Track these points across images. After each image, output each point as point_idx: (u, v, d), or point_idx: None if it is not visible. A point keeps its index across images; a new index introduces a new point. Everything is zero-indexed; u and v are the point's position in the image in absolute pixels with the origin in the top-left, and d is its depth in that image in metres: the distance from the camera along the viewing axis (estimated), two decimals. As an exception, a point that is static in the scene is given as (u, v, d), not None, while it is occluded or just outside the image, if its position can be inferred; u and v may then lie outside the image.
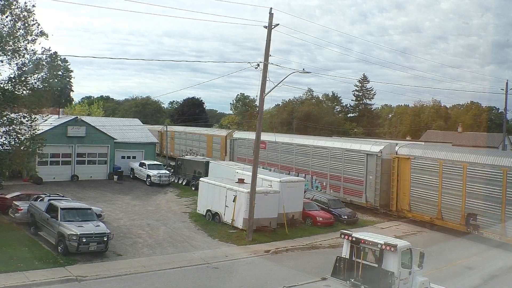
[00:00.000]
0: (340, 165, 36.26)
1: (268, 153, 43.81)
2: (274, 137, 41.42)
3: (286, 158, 42.10)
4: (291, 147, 41.52)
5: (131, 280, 17.67)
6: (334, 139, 41.02)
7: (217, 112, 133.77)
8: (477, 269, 21.85)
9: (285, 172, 39.50)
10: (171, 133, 64.86)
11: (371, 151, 33.72)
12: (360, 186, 34.37)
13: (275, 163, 42.85)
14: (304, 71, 25.49)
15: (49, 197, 25.19)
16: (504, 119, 53.95)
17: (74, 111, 69.44)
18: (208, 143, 56.98)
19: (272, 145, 42.79)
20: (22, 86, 23.53)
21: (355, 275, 15.37)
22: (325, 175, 37.67)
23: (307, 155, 39.74)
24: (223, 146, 53.24)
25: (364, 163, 34.02)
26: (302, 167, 40.12)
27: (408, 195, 31.11)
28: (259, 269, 20.23)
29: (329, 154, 37.34)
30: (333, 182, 36.88)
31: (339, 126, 77.43)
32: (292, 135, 47.70)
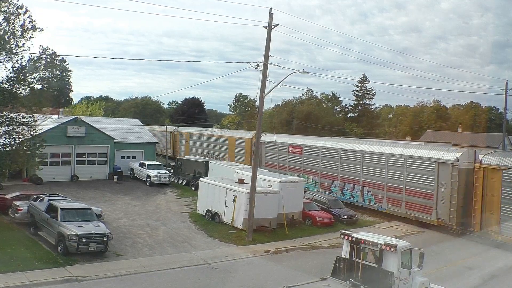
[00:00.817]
0: (401, 175, 31.18)
1: (306, 159, 39.76)
2: (314, 141, 38.65)
3: (328, 165, 37.54)
4: (334, 153, 36.87)
5: (131, 280, 17.66)
6: (392, 144, 35.54)
7: (217, 112, 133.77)
8: (477, 269, 21.85)
9: (327, 182, 37.19)
10: (186, 135, 62.24)
11: (444, 159, 28.63)
12: (429, 201, 29.33)
13: (313, 171, 38.88)
14: (304, 71, 25.49)
15: (48, 197, 25.19)
16: (504, 119, 53.99)
17: (75, 112, 69.45)
18: (230, 146, 52.74)
19: (310, 150, 39.20)
20: (20, 86, 23.50)
21: (355, 275, 15.36)
22: (380, 186, 32.65)
23: (356, 162, 34.88)
24: (247, 150, 48.56)
25: (434, 172, 29.01)
26: (350, 176, 35.33)
27: (498, 213, 26.11)
28: (259, 269, 20.22)
29: (387, 162, 32.29)
30: (392, 195, 31.86)
31: (339, 126, 77.43)
32: (335, 139, 43.47)
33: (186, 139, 61.60)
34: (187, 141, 61.46)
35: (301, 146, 40.02)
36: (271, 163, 43.97)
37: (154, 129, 64.21)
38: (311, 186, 38.59)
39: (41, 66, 24.39)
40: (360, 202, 34.16)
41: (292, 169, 41.24)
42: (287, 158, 41.87)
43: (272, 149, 43.83)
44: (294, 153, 41.08)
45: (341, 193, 36.02)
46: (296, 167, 40.91)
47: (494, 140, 57.19)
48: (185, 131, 62.97)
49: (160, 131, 61.49)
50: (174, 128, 66.91)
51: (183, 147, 61.88)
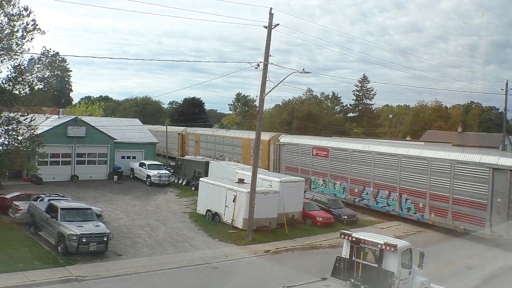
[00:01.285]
0: (447, 182, 28.16)
1: (333, 163, 36.92)
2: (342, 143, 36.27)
3: (359, 169, 34.60)
4: (367, 156, 33.94)
5: (131, 280, 17.66)
6: (435, 147, 32.34)
7: (217, 112, 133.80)
8: (477, 269, 21.85)
9: (358, 188, 34.50)
10: (195, 136, 59.67)
11: (500, 164, 25.61)
12: (481, 211, 26.36)
13: (342, 176, 36.14)
14: (304, 71, 25.49)
15: (49, 197, 25.21)
16: (504, 119, 53.94)
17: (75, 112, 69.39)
18: (245, 148, 49.41)
19: (338, 152, 36.50)
20: (21, 86, 23.52)
21: (355, 275, 15.37)
22: (422, 194, 29.68)
23: (392, 166, 31.88)
24: (265, 152, 45.42)
25: (487, 180, 25.99)
26: (385, 182, 32.33)
27: None
28: (259, 269, 20.22)
29: (429, 167, 29.25)
30: (436, 204, 28.88)
31: (339, 126, 77.42)
32: (367, 141, 40.37)
33: (196, 140, 59.01)
34: (197, 143, 58.84)
35: (327, 149, 37.25)
36: (292, 166, 41.50)
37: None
38: (339, 192, 36.30)
39: (42, 66, 24.40)
40: (397, 211, 31.16)
41: (316, 174, 38.68)
42: (310, 162, 39.40)
43: (293, 151, 41.54)
44: (319, 156, 38.46)
45: (375, 201, 33.10)
46: (321, 171, 38.24)
47: (494, 140, 57.20)
48: (195, 132, 60.42)
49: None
50: (183, 129, 64.60)
51: (193, 148, 59.23)
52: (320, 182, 38.18)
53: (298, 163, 40.78)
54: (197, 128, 63.83)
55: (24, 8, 22.59)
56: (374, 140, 40.81)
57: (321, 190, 36.88)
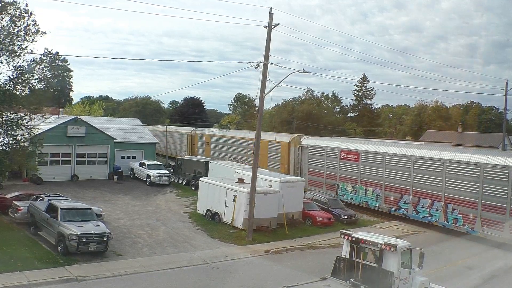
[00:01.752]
0: (504, 191, 25.08)
1: (364, 168, 33.87)
2: (375, 146, 33.34)
3: (396, 175, 31.51)
4: (405, 161, 30.85)
5: (131, 280, 17.66)
6: (488, 153, 28.50)
7: (217, 112, 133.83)
8: (477, 269, 21.84)
9: (394, 196, 31.40)
10: (206, 137, 56.70)
11: None
12: None
13: (375, 182, 33.13)
14: (304, 71, 25.49)
15: (49, 197, 25.20)
16: (504, 119, 53.96)
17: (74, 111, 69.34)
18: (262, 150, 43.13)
19: (371, 156, 33.51)
20: (21, 86, 23.55)
21: (355, 275, 15.37)
22: (472, 204, 26.63)
23: (436, 173, 28.74)
24: (284, 155, 42.49)
25: None
26: (427, 190, 29.23)
27: None
28: (259, 269, 20.22)
29: (482, 174, 26.20)
30: (489, 215, 25.77)
31: (339, 126, 77.38)
32: (405, 144, 36.87)
33: (207, 142, 56.02)
34: (208, 144, 55.77)
35: (357, 152, 34.37)
36: (316, 171, 38.46)
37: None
38: (371, 200, 33.48)
39: (43, 67, 24.45)
40: (441, 222, 28.33)
41: (344, 179, 35.75)
42: (337, 166, 36.53)
43: (317, 154, 38.63)
44: (348, 160, 35.58)
45: (414, 210, 30.07)
46: (350, 177, 35.35)
47: (494, 140, 57.21)
48: (205, 133, 57.68)
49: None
50: (192, 129, 61.83)
51: (203, 150, 56.24)
52: (349, 188, 35.30)
53: (323, 167, 37.93)
54: (208, 129, 60.82)
55: (24, 10, 22.65)
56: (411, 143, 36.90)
57: (350, 198, 34.94)
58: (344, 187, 36.14)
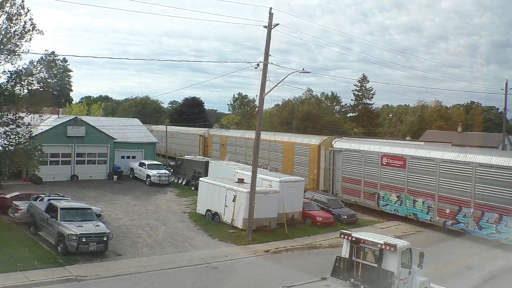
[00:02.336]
0: None
1: (412, 176, 30.19)
2: (426, 151, 29.87)
3: (452, 185, 27.88)
4: (464, 169, 27.17)
5: (131, 280, 17.65)
6: None
7: (217, 112, 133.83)
8: (477, 269, 21.84)
9: (450, 209, 27.89)
10: (221, 139, 52.74)
11: None
12: None
13: (426, 192, 29.28)
14: (304, 71, 25.49)
15: (48, 197, 25.19)
16: (504, 119, 54.04)
17: (72, 111, 69.35)
18: (286, 153, 42.14)
19: (420, 163, 29.73)
20: (20, 87, 23.55)
21: (355, 275, 15.37)
22: None
23: (504, 183, 25.24)
24: (313, 159, 38.48)
25: None
26: (493, 203, 25.64)
27: None
28: (259, 269, 20.21)
29: None
30: None
31: (339, 126, 77.37)
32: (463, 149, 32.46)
33: (222, 144, 52.29)
34: (223, 146, 51.97)
35: (403, 157, 30.67)
36: (352, 178, 34.82)
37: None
38: (421, 212, 29.75)
39: (42, 67, 24.44)
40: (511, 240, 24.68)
41: (387, 188, 31.91)
42: (378, 173, 32.76)
43: (353, 159, 34.88)
44: (391, 166, 31.83)
45: (477, 225, 26.46)
46: (394, 185, 31.43)
47: (494, 140, 57.23)
48: (221, 134, 54.02)
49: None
50: (204, 130, 58.52)
51: (217, 152, 52.42)
52: (392, 198, 31.57)
53: (361, 174, 34.18)
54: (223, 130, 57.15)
55: (21, 6, 22.56)
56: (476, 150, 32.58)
57: (395, 209, 31.29)
58: (386, 197, 32.20)
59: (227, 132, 51.87)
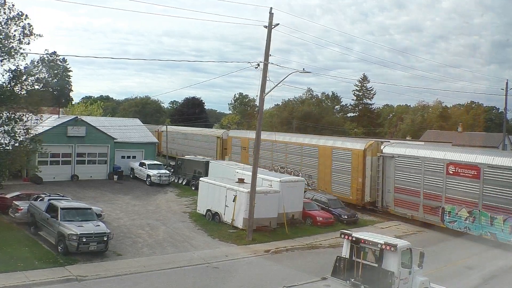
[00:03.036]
0: None
1: (488, 188, 25.89)
2: (505, 159, 25.71)
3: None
4: None
5: (131, 280, 17.65)
6: None
7: (217, 112, 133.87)
8: (477, 269, 21.83)
9: None
10: (243, 141, 47.24)
11: None
12: None
13: (507, 208, 25.02)
14: (304, 71, 25.48)
15: (49, 196, 25.19)
16: (504, 119, 54.00)
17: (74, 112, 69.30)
18: (323, 159, 36.96)
19: (499, 173, 25.43)
20: (19, 86, 23.60)
21: (355, 275, 15.37)
22: None
23: None
24: (357, 166, 34.06)
25: None
26: None
27: None
28: (259, 269, 20.21)
29: None
30: None
31: (339, 126, 77.38)
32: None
33: (244, 147, 46.98)
34: (245, 149, 46.54)
35: (477, 166, 26.42)
36: (408, 188, 30.73)
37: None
38: (501, 231, 25.34)
39: (42, 68, 24.50)
40: None
41: (454, 201, 27.71)
42: (443, 183, 28.44)
43: (409, 167, 30.65)
44: (461, 176, 27.53)
45: None
46: (463, 199, 27.24)
47: (494, 139, 57.21)
48: (243, 136, 47.95)
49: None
50: (223, 131, 54.54)
51: (238, 156, 46.94)
52: (462, 214, 27.44)
53: (419, 184, 29.80)
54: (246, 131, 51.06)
55: (20, 14, 22.72)
56: None
57: (465, 226, 27.21)
58: (453, 212, 27.99)
59: (250, 134, 44.10)
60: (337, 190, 35.51)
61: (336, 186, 35.88)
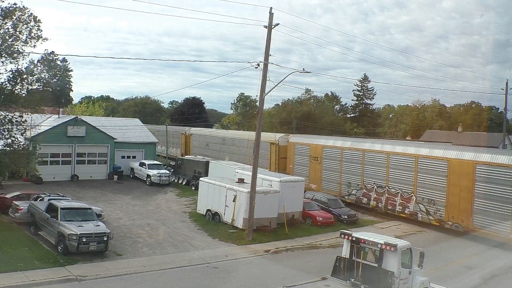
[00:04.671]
0: None
1: None
2: None
3: None
4: None
5: (131, 280, 17.66)
6: None
7: (217, 112, 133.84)
8: (477, 269, 21.84)
9: None
10: (314, 149, 37.25)
11: None
12: None
13: None
14: (304, 71, 25.46)
15: (49, 196, 25.20)
16: (504, 118, 54.01)
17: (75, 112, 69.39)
18: (457, 178, 27.12)
19: None
20: (19, 86, 23.63)
21: (355, 274, 15.37)
22: None
23: None
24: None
25: None
26: None
27: None
28: (259, 269, 20.21)
29: None
30: None
31: (339, 126, 77.33)
32: None
33: (315, 157, 37.61)
34: (317, 160, 37.16)
35: None
36: None
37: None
38: None
39: (42, 68, 24.55)
40: None
41: None
42: None
43: None
44: None
45: None
46: None
47: (494, 139, 57.19)
48: (312, 143, 38.08)
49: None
50: (279, 136, 42.54)
51: (305, 168, 38.10)
52: None
53: None
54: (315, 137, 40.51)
55: (33, 18, 22.84)
56: None
57: None
58: None
59: (324, 140, 35.24)
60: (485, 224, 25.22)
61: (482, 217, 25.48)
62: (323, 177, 35.59)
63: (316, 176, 33.43)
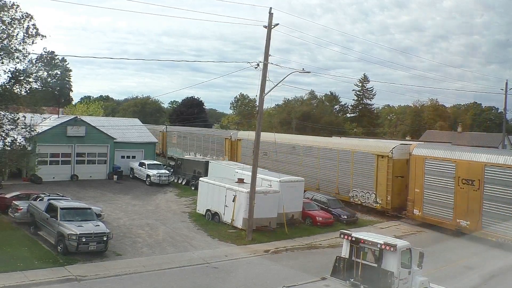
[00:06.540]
0: None
1: None
2: None
3: None
4: None
5: (131, 280, 17.66)
6: None
7: (217, 112, 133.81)
8: (477, 269, 21.84)
9: None
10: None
11: None
12: None
13: None
14: (304, 71, 25.46)
15: (48, 196, 25.20)
16: (504, 119, 54.07)
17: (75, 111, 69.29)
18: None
19: None
20: (19, 86, 23.62)
21: (355, 275, 15.37)
22: None
23: None
24: None
25: None
26: None
27: None
28: (259, 269, 20.22)
29: None
30: None
31: (339, 126, 77.36)
32: None
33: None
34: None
35: None
36: None
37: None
38: None
39: (41, 67, 24.54)
40: None
41: None
42: None
43: None
44: None
45: None
46: None
47: (494, 140, 57.22)
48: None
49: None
50: (392, 147, 31.92)
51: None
52: None
53: None
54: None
55: (26, 15, 22.76)
56: None
57: None
58: None
59: (487, 155, 25.86)
60: None
61: None
62: (485, 210, 25.23)
63: (470, 208, 24.99)
